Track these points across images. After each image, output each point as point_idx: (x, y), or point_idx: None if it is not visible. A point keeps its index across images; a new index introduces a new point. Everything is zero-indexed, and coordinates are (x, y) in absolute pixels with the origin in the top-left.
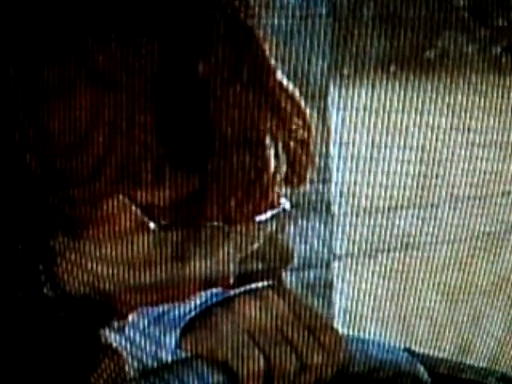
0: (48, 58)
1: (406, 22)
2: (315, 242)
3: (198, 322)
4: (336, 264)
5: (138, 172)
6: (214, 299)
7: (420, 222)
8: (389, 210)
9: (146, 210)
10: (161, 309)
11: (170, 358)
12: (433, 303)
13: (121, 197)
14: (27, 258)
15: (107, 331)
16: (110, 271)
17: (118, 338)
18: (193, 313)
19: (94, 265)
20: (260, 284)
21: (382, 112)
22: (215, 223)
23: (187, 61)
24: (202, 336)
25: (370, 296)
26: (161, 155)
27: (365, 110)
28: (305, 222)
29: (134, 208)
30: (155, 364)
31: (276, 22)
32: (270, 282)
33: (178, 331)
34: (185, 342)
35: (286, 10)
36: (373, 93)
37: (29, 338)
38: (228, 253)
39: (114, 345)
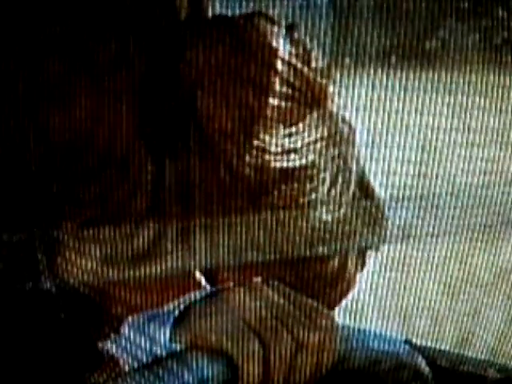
0: (48, 57)
1: (406, 13)
2: None
3: (190, 313)
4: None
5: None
6: (204, 292)
7: (420, 214)
8: (389, 203)
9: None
10: None
11: (163, 353)
12: (433, 295)
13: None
14: (28, 253)
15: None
16: (110, 270)
17: (114, 338)
18: (182, 306)
19: (94, 264)
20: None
21: (381, 111)
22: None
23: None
24: (195, 325)
25: (370, 288)
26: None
27: (365, 109)
28: None
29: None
30: (149, 359)
31: (276, 11)
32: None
33: (170, 325)
34: (178, 333)
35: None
36: (373, 92)
37: (26, 334)
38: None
39: (111, 351)
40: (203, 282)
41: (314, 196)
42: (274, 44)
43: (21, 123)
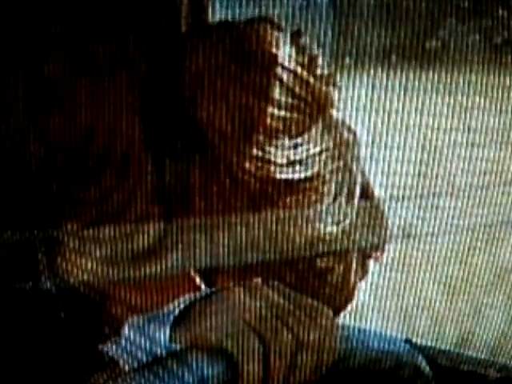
0: (48, 57)
1: (407, 12)
2: None
3: (189, 313)
4: None
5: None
6: (203, 293)
7: (420, 214)
8: (389, 202)
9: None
10: None
11: (163, 353)
12: (434, 294)
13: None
14: (28, 253)
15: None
16: (111, 270)
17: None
18: (182, 306)
19: (95, 264)
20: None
21: (381, 111)
22: None
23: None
24: (195, 325)
25: (370, 288)
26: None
27: (365, 110)
28: None
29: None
30: (150, 359)
31: (276, 11)
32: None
33: (169, 325)
34: (178, 333)
35: None
36: (373, 92)
37: (26, 335)
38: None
39: (111, 351)
40: (203, 286)
41: (319, 207)
42: (275, 50)
43: (21, 123)
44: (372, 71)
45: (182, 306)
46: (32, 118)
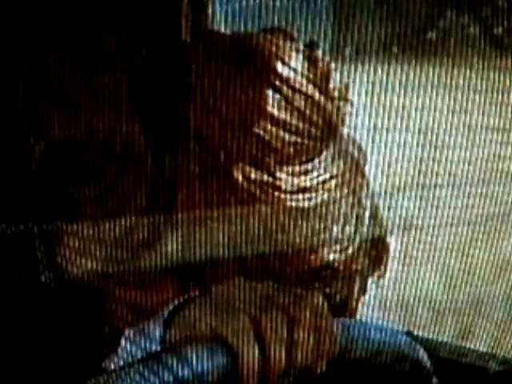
0: (49, 55)
1: (408, 3)
2: None
3: (178, 312)
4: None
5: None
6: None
7: (421, 204)
8: (390, 194)
9: None
10: None
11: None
12: (434, 287)
13: None
14: (27, 251)
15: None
16: (110, 266)
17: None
18: (171, 306)
19: (94, 261)
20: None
21: (383, 97)
22: None
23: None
24: (189, 319)
25: (371, 280)
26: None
27: (366, 94)
28: None
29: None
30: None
31: (277, 2)
32: None
33: (161, 325)
34: (172, 331)
35: None
36: (374, 79)
37: (24, 335)
38: None
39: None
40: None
41: (327, 235)
42: (286, 66)
43: (20, 121)
44: (372, 69)
45: (171, 306)
46: (32, 115)
